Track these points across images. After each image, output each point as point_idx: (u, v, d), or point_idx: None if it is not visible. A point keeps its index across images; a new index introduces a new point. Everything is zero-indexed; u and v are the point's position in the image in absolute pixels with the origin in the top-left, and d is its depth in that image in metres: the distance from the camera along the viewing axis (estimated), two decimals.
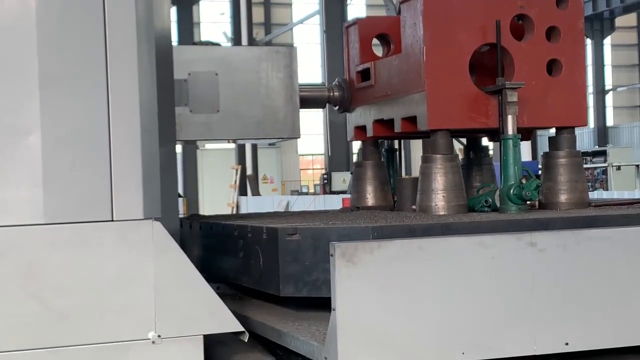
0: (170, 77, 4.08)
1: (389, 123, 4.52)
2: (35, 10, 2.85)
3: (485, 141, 4.95)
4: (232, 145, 34.06)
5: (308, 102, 4.97)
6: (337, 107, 5.03)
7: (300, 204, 25.49)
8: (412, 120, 4.28)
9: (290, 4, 53.68)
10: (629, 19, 52.09)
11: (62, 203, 2.86)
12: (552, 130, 4.56)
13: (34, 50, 2.85)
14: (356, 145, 5.18)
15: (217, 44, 5.05)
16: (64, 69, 2.88)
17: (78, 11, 2.89)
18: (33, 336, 2.84)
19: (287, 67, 4.85)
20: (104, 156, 2.91)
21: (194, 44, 5.22)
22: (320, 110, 5.19)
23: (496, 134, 4.30)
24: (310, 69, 44.54)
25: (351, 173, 5.14)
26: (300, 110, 4.90)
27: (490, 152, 5.05)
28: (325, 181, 31.00)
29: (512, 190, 4.08)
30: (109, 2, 2.91)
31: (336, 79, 5.05)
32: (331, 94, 4.99)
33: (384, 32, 4.93)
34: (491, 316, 3.12)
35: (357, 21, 4.98)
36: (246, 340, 3.19)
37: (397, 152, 5.20)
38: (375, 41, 4.98)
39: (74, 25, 2.89)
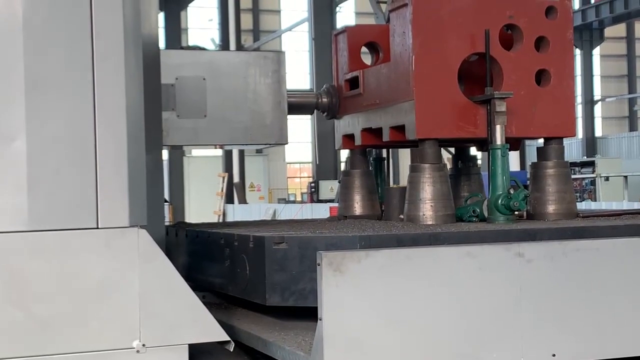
0: (157, 82, 4.05)
1: (377, 132, 4.51)
2: (21, 15, 2.82)
3: (473, 151, 4.94)
4: (219, 153, 34.03)
5: (296, 108, 4.95)
6: (325, 114, 5.01)
7: (287, 213, 25.46)
8: (400, 129, 4.27)
9: (279, 11, 53.75)
10: (618, 29, 52.32)
11: (47, 210, 2.83)
12: (541, 141, 4.56)
13: (20, 55, 2.82)
14: (344, 154, 5.18)
15: (205, 49, 5.02)
16: (50, 74, 2.85)
17: (65, 16, 2.86)
18: (15, 344, 2.80)
19: (275, 73, 4.83)
20: (89, 162, 2.88)
21: (182, 48, 5.20)
22: (308, 118, 5.18)
23: (484, 144, 4.30)
24: (299, 76, 44.58)
25: (339, 182, 5.12)
26: (288, 116, 4.88)
27: (479, 162, 5.05)
28: (313, 189, 30.98)
29: (500, 201, 4.07)
30: (96, 8, 2.89)
31: (324, 85, 5.03)
32: (319, 100, 4.97)
33: (373, 40, 4.92)
34: (478, 327, 3.11)
35: (346, 29, 4.96)
36: (232, 350, 3.17)
37: (385, 161, 5.19)
38: (364, 49, 4.97)
39: (61, 30, 2.86)
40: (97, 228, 2.89)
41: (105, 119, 2.89)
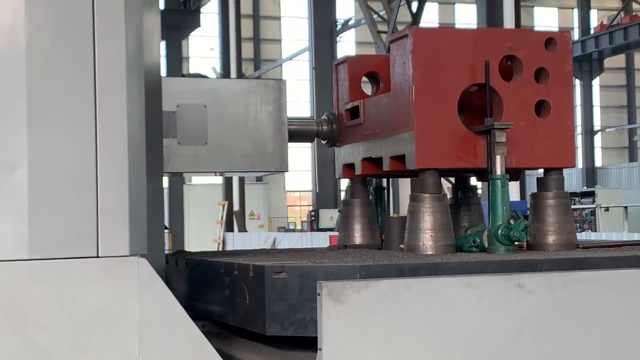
0: (158, 110, 4.07)
1: (378, 161, 4.52)
2: (24, 44, 2.84)
3: (473, 181, 4.95)
4: (219, 181, 34.10)
5: (297, 135, 4.95)
6: (325, 141, 5.02)
7: (287, 241, 25.45)
8: (400, 159, 4.28)
9: (279, 40, 54.03)
10: (618, 60, 52.62)
11: (47, 238, 2.83)
12: (541, 171, 4.57)
13: (23, 84, 2.83)
14: (344, 183, 5.18)
15: (206, 76, 5.04)
16: (52, 103, 2.86)
17: (67, 46, 2.88)
18: None
19: (276, 100, 4.83)
20: (90, 191, 2.89)
21: (183, 76, 5.22)
22: (309, 146, 5.18)
23: (484, 174, 4.31)
24: (299, 105, 44.70)
25: (339, 211, 5.12)
26: (289, 144, 4.88)
27: (479, 192, 5.05)
28: (313, 218, 30.98)
29: (500, 231, 4.07)
30: (99, 37, 2.91)
31: (325, 113, 5.04)
32: (320, 127, 4.97)
33: (374, 70, 4.94)
34: (478, 358, 3.10)
35: (346, 59, 4.98)
36: None
37: (386, 191, 5.19)
38: (364, 79, 4.99)
39: (63, 59, 2.88)
40: (97, 257, 2.89)
41: (106, 148, 2.90)
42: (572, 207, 5.38)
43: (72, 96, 2.89)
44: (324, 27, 30.71)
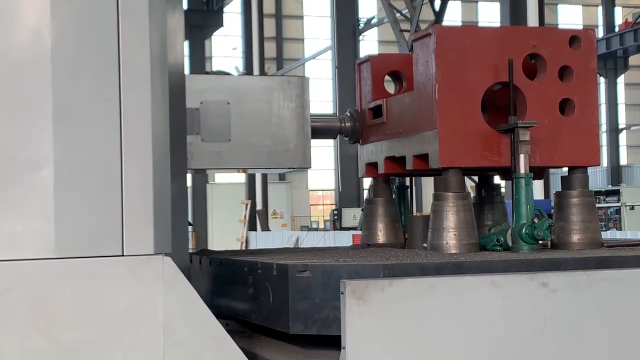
0: (182, 110, 4.08)
1: (401, 160, 4.52)
2: (50, 46, 2.86)
3: (497, 179, 4.93)
4: (242, 180, 34.16)
5: (319, 132, 4.95)
6: (348, 138, 5.02)
7: (310, 240, 25.48)
8: (423, 157, 4.27)
9: (302, 40, 54.08)
10: None
11: (73, 237, 2.85)
12: (565, 169, 4.55)
13: (49, 85, 2.85)
14: (367, 181, 5.18)
15: (229, 74, 5.05)
16: (78, 104, 2.88)
17: (92, 47, 2.90)
18: None
19: (299, 97, 4.83)
20: (115, 190, 2.91)
21: (207, 73, 5.21)
22: (332, 146, 5.18)
23: (508, 173, 4.29)
24: (322, 104, 44.71)
25: (362, 209, 5.12)
26: (312, 142, 4.88)
27: (502, 191, 5.04)
28: (336, 217, 30.99)
29: (524, 230, 4.06)
30: (124, 38, 2.92)
31: (347, 110, 5.04)
32: (343, 124, 4.97)
33: (396, 69, 4.93)
34: (502, 357, 3.09)
35: (369, 58, 4.98)
36: None
37: (409, 190, 5.19)
38: (387, 78, 4.99)
39: (89, 61, 2.90)
40: (122, 255, 2.90)
41: (131, 148, 2.92)
42: (597, 205, 5.35)
43: (97, 96, 2.91)
44: (347, 26, 30.68)
